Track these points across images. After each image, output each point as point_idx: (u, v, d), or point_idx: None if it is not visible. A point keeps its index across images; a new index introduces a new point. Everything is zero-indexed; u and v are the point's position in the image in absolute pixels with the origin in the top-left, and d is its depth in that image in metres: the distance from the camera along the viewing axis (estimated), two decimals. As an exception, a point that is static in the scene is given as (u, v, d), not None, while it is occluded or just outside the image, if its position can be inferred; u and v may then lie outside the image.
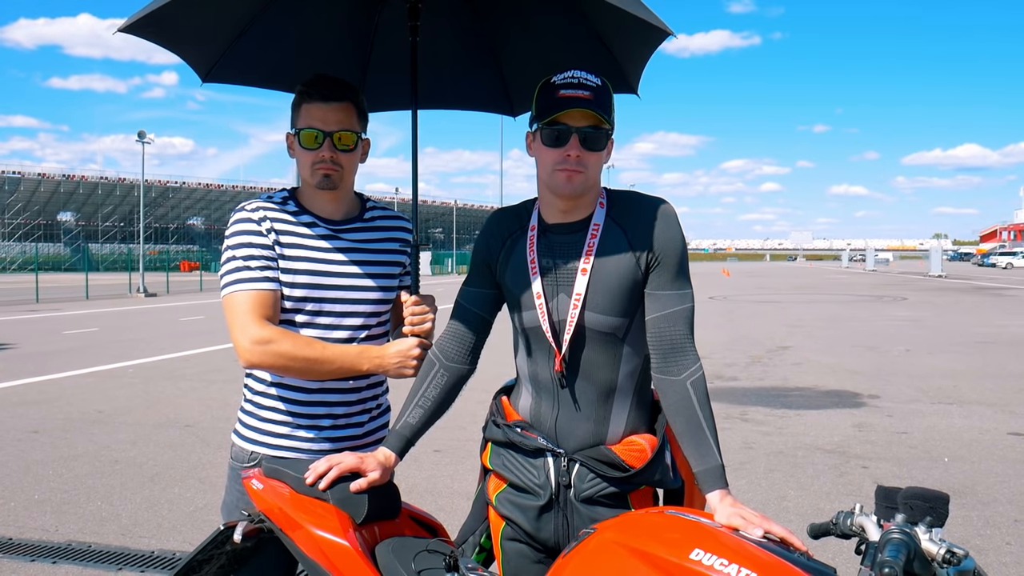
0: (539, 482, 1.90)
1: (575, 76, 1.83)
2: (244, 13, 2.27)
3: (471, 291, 2.04)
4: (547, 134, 1.83)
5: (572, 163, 1.82)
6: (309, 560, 1.85)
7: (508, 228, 1.98)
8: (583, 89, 1.81)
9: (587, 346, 1.88)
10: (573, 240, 1.89)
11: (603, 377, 1.89)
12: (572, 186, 1.83)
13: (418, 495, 5.27)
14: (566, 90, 1.81)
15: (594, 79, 1.84)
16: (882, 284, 39.75)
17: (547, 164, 1.85)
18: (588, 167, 1.83)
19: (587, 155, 1.83)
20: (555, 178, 1.84)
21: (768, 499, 5.29)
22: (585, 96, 1.80)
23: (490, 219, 2.06)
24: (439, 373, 2.01)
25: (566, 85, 1.82)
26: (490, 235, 2.01)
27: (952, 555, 1.39)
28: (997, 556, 4.28)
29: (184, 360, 12.27)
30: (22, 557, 4.30)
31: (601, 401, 1.89)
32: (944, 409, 8.20)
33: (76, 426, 7.59)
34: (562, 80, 1.83)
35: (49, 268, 71.52)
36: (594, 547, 1.59)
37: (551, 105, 1.82)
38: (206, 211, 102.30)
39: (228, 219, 2.19)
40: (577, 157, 1.82)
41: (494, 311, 2.04)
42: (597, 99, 1.81)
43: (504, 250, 1.97)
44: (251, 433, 2.21)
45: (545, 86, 1.85)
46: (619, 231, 1.88)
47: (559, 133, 1.82)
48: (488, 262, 2.00)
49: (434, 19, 2.33)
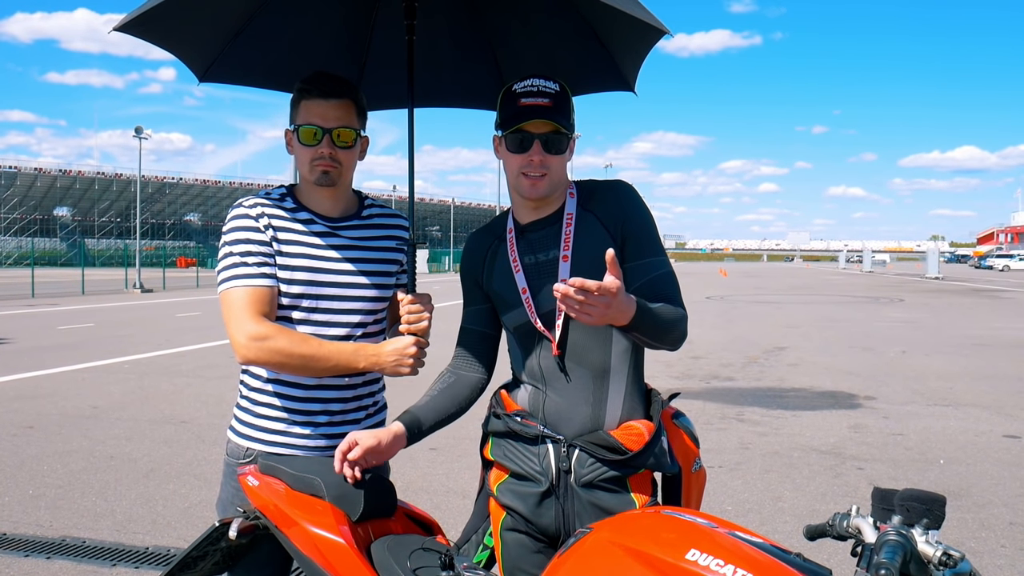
0: (539, 469, 1.94)
1: (534, 84, 1.93)
2: (241, 13, 2.26)
3: (470, 311, 2.14)
4: (511, 140, 1.94)
5: (536, 167, 1.92)
6: (304, 557, 1.85)
7: (485, 243, 2.10)
8: (543, 97, 1.92)
9: (577, 330, 1.95)
10: (550, 233, 1.99)
11: (596, 359, 1.95)
12: (537, 190, 1.95)
13: (413, 493, 5.27)
14: (527, 98, 1.92)
15: (552, 85, 1.94)
16: (879, 285, 39.82)
17: (513, 168, 1.96)
18: (551, 169, 1.94)
19: (549, 158, 1.93)
20: (521, 182, 1.95)
21: (764, 499, 5.30)
22: (545, 104, 1.91)
23: (468, 242, 2.18)
24: (448, 374, 2.10)
25: (526, 93, 1.92)
26: (471, 255, 2.12)
27: (948, 557, 1.39)
28: (991, 558, 4.29)
29: (180, 356, 12.25)
30: (16, 552, 4.30)
31: (596, 385, 1.95)
32: (940, 411, 8.22)
33: (71, 421, 7.58)
34: (522, 88, 1.94)
35: (45, 263, 71.39)
36: (590, 547, 1.59)
37: (514, 114, 1.92)
38: (203, 207, 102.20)
39: (225, 215, 2.19)
40: (540, 161, 1.92)
41: (496, 324, 2.12)
42: (556, 106, 1.92)
43: (487, 263, 2.07)
44: (247, 429, 2.20)
45: (507, 94, 1.96)
46: (591, 217, 1.99)
47: (522, 139, 1.93)
48: (475, 280, 2.11)
49: (431, 17, 2.33)
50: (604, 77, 2.41)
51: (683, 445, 2.06)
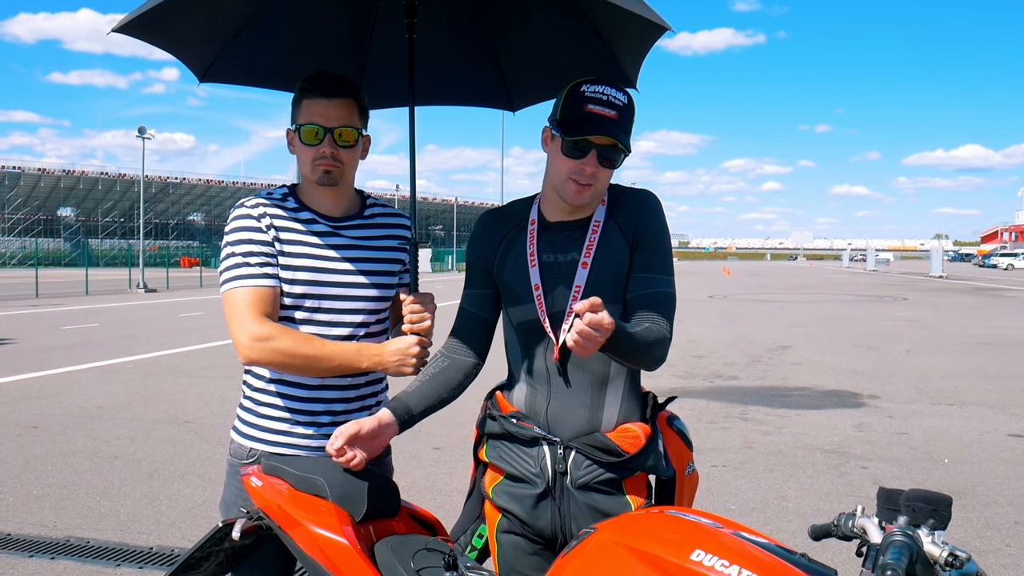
0: (535, 470, 1.93)
1: (604, 92, 1.83)
2: (240, 13, 2.25)
3: (471, 294, 2.09)
4: (567, 145, 1.85)
5: (587, 177, 1.86)
6: (308, 558, 1.84)
7: (502, 229, 2.03)
8: (611, 108, 1.83)
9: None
10: (574, 236, 1.95)
11: (597, 366, 1.93)
12: (581, 198, 1.89)
13: (417, 493, 5.27)
14: (594, 105, 1.82)
15: (621, 97, 1.85)
16: (882, 284, 39.75)
17: (561, 170, 1.88)
18: (600, 181, 1.88)
19: (601, 171, 1.87)
20: (567, 187, 1.88)
21: (768, 499, 5.29)
22: (611, 116, 1.82)
23: (480, 223, 2.10)
24: (441, 358, 2.05)
25: (595, 100, 1.83)
26: (482, 238, 2.05)
27: (955, 558, 1.38)
28: (996, 558, 4.27)
29: (183, 356, 12.27)
30: (20, 552, 4.30)
31: (595, 390, 1.93)
32: (944, 410, 8.20)
33: (75, 422, 7.59)
34: (592, 93, 1.83)
35: (49, 263, 71.49)
36: (594, 547, 1.58)
37: (578, 120, 1.82)
38: (206, 207, 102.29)
39: (228, 215, 2.18)
40: (592, 172, 1.86)
41: (495, 310, 2.08)
42: (621, 120, 1.84)
43: (500, 251, 2.01)
44: (250, 430, 2.20)
45: (574, 93, 1.86)
46: (613, 225, 1.95)
47: (580, 146, 1.84)
48: (484, 264, 2.04)
49: (431, 15, 2.33)
50: (606, 73, 2.40)
51: (677, 448, 2.04)
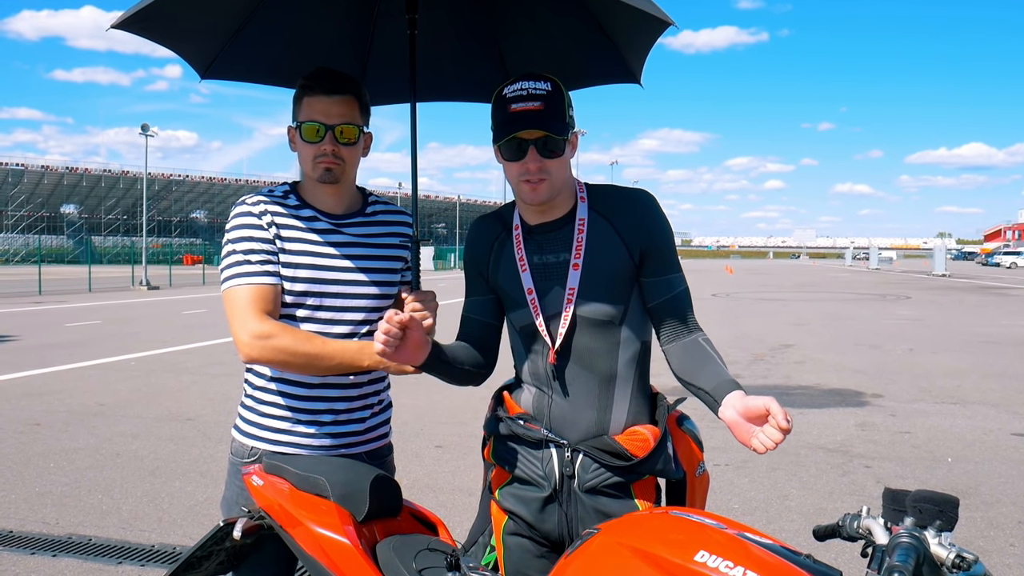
0: (542, 473, 1.91)
1: (523, 88, 1.84)
2: (241, 8, 2.24)
3: (473, 300, 2.09)
4: (505, 149, 1.87)
5: (534, 174, 1.85)
6: (309, 557, 1.84)
7: (492, 233, 2.04)
8: (533, 100, 1.83)
9: (585, 336, 1.91)
10: (560, 236, 1.94)
11: (603, 366, 1.91)
12: (538, 195, 1.88)
13: (419, 491, 5.26)
14: (516, 104, 1.84)
15: (543, 86, 1.85)
16: (885, 283, 39.68)
17: (512, 176, 1.89)
18: (551, 173, 1.87)
19: (547, 163, 1.86)
20: (521, 189, 1.89)
21: (770, 498, 5.28)
22: (535, 108, 1.82)
23: (472, 228, 2.11)
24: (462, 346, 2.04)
25: (516, 98, 1.84)
26: (475, 244, 2.07)
27: (962, 560, 1.36)
28: (1000, 558, 4.26)
29: (186, 353, 12.27)
30: (23, 550, 4.30)
31: (602, 390, 1.92)
32: (948, 409, 8.18)
33: (78, 419, 7.59)
34: (512, 93, 1.85)
35: (52, 260, 71.55)
36: (597, 548, 1.57)
37: (505, 122, 1.85)
38: (209, 204, 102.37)
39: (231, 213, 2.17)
40: (538, 168, 1.85)
41: (499, 315, 2.07)
42: (548, 108, 1.83)
43: (492, 255, 2.02)
44: (251, 428, 2.19)
45: (497, 100, 1.88)
46: (605, 223, 1.93)
47: (516, 146, 1.85)
48: (479, 270, 2.05)
49: (433, 10, 2.31)
50: (610, 69, 2.39)
51: (688, 450, 2.02)
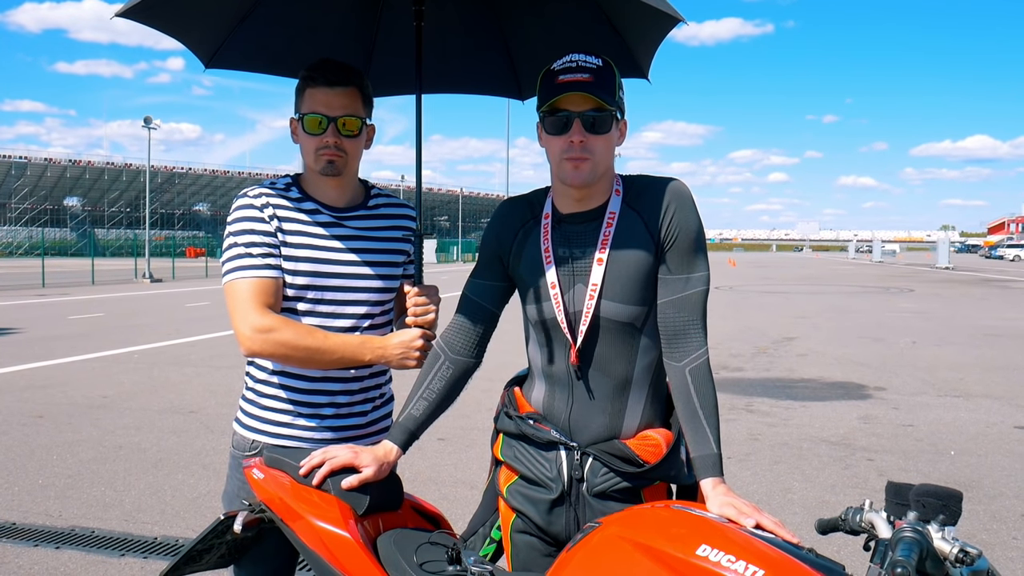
0: (551, 475, 1.86)
1: (573, 60, 1.79)
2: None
3: (479, 283, 2.00)
4: (550, 122, 1.80)
5: (577, 150, 1.78)
6: (310, 551, 1.83)
7: (520, 218, 1.94)
8: (582, 72, 1.77)
9: (603, 338, 1.84)
10: (588, 229, 1.86)
11: (619, 370, 1.85)
12: (580, 175, 1.79)
13: (421, 484, 5.26)
14: (565, 75, 1.77)
15: (594, 60, 1.79)
16: (889, 276, 39.62)
17: (555, 153, 1.82)
18: (595, 152, 1.79)
19: (592, 139, 1.78)
20: (563, 168, 1.81)
21: (773, 491, 5.27)
22: (584, 79, 1.76)
23: (499, 210, 2.01)
24: (444, 365, 1.98)
25: (565, 70, 1.78)
26: (501, 227, 1.97)
27: (965, 554, 1.36)
28: (1003, 551, 4.25)
29: (189, 346, 12.29)
30: (25, 542, 4.31)
31: (616, 394, 1.86)
32: (951, 402, 8.16)
33: (81, 411, 7.60)
34: (561, 65, 1.79)
35: (55, 253, 71.74)
36: (598, 542, 1.56)
37: (551, 91, 1.78)
38: (212, 197, 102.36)
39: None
40: (581, 143, 1.77)
41: (502, 304, 2.01)
42: (598, 81, 1.77)
43: (517, 241, 1.93)
44: (252, 421, 2.19)
45: (546, 74, 1.82)
46: (635, 216, 1.84)
47: (561, 120, 1.78)
48: (499, 254, 1.96)
49: (439, 2, 2.30)
50: (617, 63, 2.37)
51: None
